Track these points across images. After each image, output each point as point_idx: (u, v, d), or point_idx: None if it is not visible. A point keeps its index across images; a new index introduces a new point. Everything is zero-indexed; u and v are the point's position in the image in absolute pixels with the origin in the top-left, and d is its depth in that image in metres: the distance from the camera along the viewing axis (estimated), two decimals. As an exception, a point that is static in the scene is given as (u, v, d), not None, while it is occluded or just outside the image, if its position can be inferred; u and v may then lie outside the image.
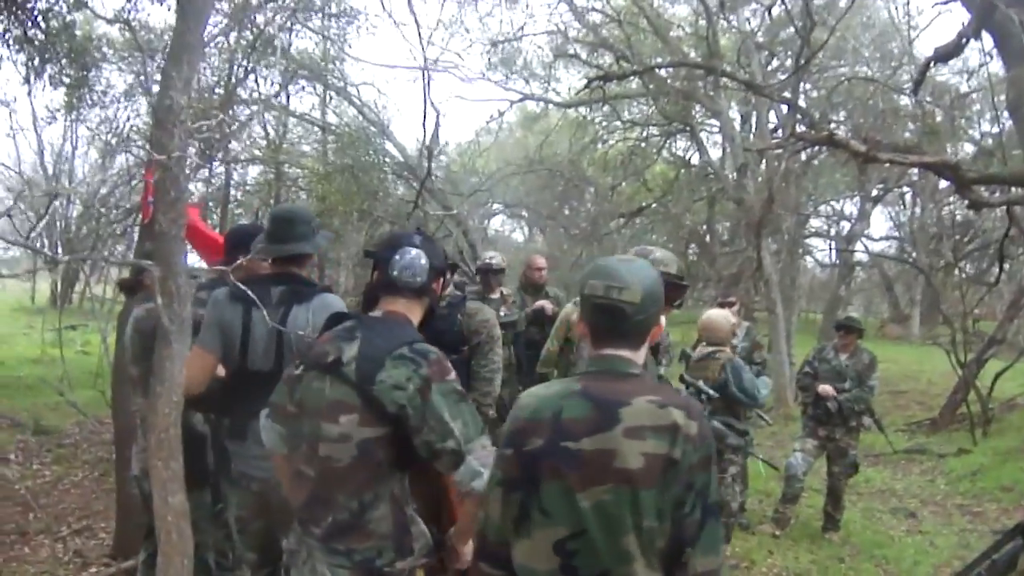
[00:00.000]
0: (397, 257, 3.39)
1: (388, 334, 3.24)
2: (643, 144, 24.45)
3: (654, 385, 2.76)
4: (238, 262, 4.38)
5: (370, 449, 3.12)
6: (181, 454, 3.88)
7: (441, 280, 3.57)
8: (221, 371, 4.52)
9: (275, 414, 3.43)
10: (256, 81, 16.31)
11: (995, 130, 16.92)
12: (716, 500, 2.61)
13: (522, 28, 24.71)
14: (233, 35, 13.67)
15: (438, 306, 3.60)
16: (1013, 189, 11.71)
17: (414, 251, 3.41)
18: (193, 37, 3.85)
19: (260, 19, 13.34)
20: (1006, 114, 11.95)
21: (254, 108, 16.21)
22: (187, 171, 3.92)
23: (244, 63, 14.71)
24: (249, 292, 4.08)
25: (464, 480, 3.11)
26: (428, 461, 3.16)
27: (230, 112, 14.49)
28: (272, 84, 16.79)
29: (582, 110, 23.26)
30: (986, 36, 11.26)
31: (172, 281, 3.75)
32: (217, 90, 14.64)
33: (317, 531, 3.21)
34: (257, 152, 18.42)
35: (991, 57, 13.26)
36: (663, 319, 2.77)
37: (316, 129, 19.90)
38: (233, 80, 14.89)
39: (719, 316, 7.70)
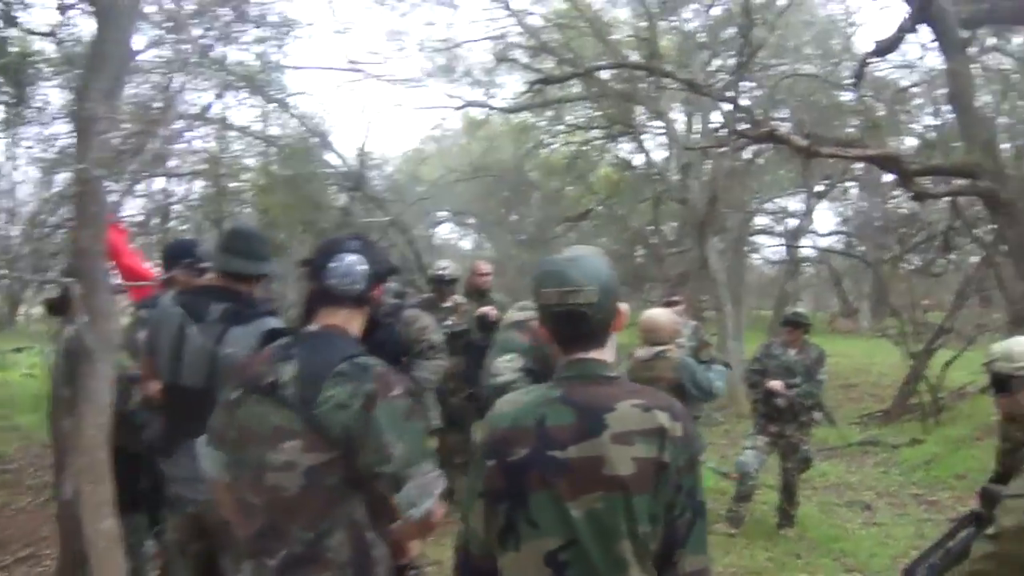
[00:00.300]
0: (333, 264, 3.20)
1: (326, 350, 3.09)
2: (586, 147, 24.46)
3: (635, 388, 2.69)
4: (171, 273, 4.30)
5: (319, 476, 2.98)
6: (110, 476, 3.77)
7: (381, 287, 3.41)
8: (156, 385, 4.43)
9: (214, 440, 3.24)
10: (197, 95, 16.17)
11: (937, 123, 17.06)
12: (702, 500, 2.58)
13: (456, 38, 24.47)
14: (169, 48, 13.54)
15: (379, 315, 3.48)
16: (956, 180, 11.79)
17: (352, 257, 3.21)
18: (113, 48, 3.75)
19: (196, 31, 13.20)
20: (947, 107, 12.06)
21: (194, 123, 16.08)
22: (120, 186, 3.85)
23: (179, 76, 14.56)
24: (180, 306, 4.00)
25: (402, 506, 2.98)
26: (370, 482, 3.04)
27: (170, 127, 14.35)
28: (210, 96, 16.65)
29: (525, 115, 23.25)
30: (924, 29, 11.33)
31: (95, 298, 3.63)
32: (157, 104, 14.49)
33: (272, 563, 3.03)
34: (203, 166, 18.25)
35: (929, 50, 13.40)
36: (626, 307, 2.69)
37: (258, 142, 19.73)
38: (171, 93, 14.74)
39: (660, 315, 7.61)
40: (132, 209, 17.34)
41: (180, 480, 4.30)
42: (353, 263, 3.20)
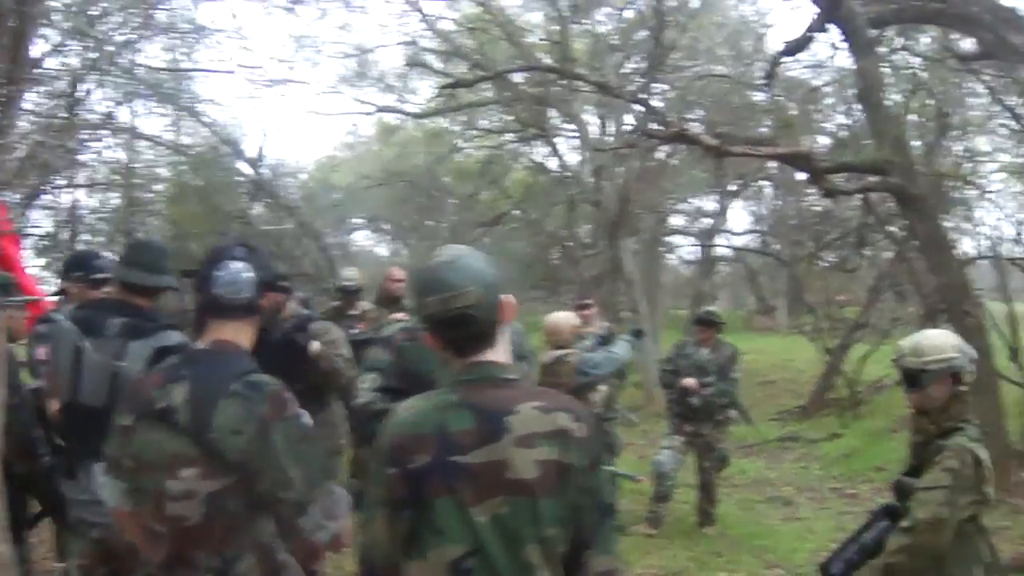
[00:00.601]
0: (219, 273, 3.10)
1: (218, 369, 2.99)
2: (500, 152, 24.49)
3: (535, 390, 2.70)
4: (64, 285, 4.19)
5: (219, 503, 2.90)
6: (3, 502, 3.64)
7: (270, 294, 3.35)
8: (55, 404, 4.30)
9: (113, 469, 3.13)
10: (103, 103, 15.86)
11: (849, 122, 17.27)
12: (609, 500, 2.56)
13: (367, 44, 24.35)
14: (75, 56, 13.25)
15: (272, 324, 3.41)
16: (867, 177, 11.91)
17: (237, 264, 3.11)
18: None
19: (101, 37, 12.94)
20: (858, 106, 12.19)
21: (101, 132, 15.76)
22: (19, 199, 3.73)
23: (84, 84, 14.29)
24: (72, 322, 3.88)
25: (308, 531, 2.95)
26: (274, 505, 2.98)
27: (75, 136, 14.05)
28: (116, 105, 16.34)
29: (438, 120, 23.21)
30: (834, 29, 11.43)
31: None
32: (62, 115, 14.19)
33: None
34: (116, 176, 17.91)
35: (839, 50, 13.51)
36: (512, 299, 2.63)
37: (168, 151, 19.44)
38: (76, 101, 14.45)
39: (560, 318, 7.73)
40: (42, 222, 16.96)
41: (81, 503, 4.18)
42: (239, 270, 3.11)
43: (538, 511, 2.38)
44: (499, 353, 2.60)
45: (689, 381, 9.07)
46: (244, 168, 18.97)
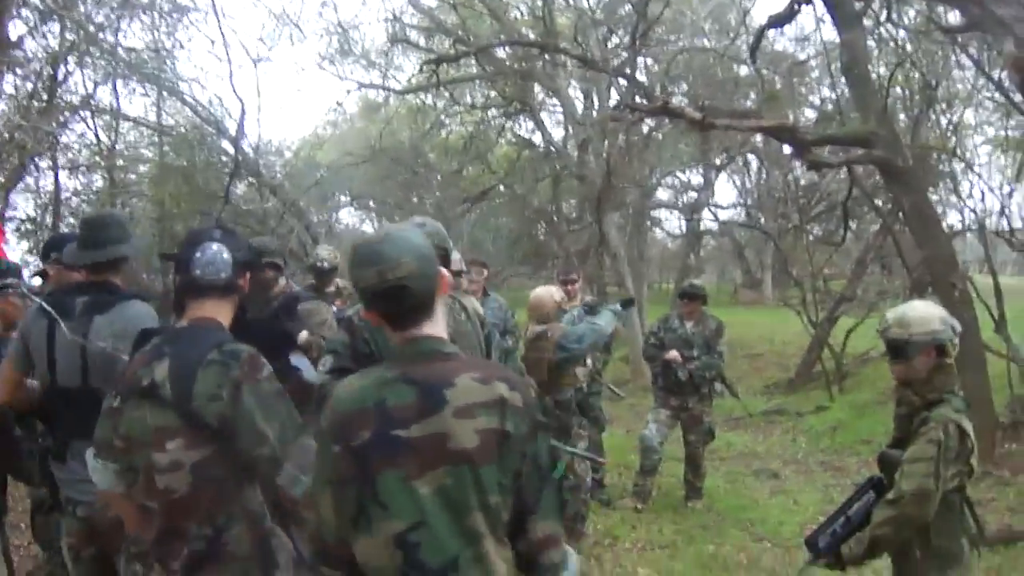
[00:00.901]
0: (198, 255, 3.24)
1: (196, 343, 3.12)
2: (484, 127, 24.38)
3: (472, 361, 2.79)
4: (42, 267, 4.18)
5: (206, 472, 3.03)
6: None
7: (247, 275, 3.44)
8: (35, 386, 4.29)
9: (103, 451, 3.23)
10: (84, 84, 15.78)
11: (834, 95, 17.26)
12: (549, 466, 2.61)
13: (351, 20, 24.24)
14: (55, 37, 13.18)
15: (260, 302, 3.48)
16: (853, 151, 11.88)
17: (215, 246, 3.27)
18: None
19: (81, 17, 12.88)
20: (844, 79, 12.16)
21: (83, 113, 15.69)
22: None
23: (65, 65, 14.20)
24: (46, 304, 3.87)
25: (286, 486, 3.02)
26: (253, 468, 3.08)
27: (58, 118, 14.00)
28: (96, 86, 16.27)
29: (422, 96, 23.13)
30: (819, 2, 11.39)
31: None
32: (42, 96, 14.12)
33: (176, 565, 3.06)
34: (98, 158, 17.81)
35: (824, 23, 13.49)
36: (447, 272, 2.69)
37: (151, 132, 19.34)
38: (56, 82, 14.38)
39: (542, 293, 7.63)
40: (24, 206, 16.91)
41: (68, 483, 4.20)
42: (217, 252, 3.25)
43: (480, 479, 2.41)
44: (437, 326, 2.62)
45: (672, 354, 9.03)
46: (227, 147, 18.88)
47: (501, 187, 24.85)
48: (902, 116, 14.95)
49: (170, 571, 3.07)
